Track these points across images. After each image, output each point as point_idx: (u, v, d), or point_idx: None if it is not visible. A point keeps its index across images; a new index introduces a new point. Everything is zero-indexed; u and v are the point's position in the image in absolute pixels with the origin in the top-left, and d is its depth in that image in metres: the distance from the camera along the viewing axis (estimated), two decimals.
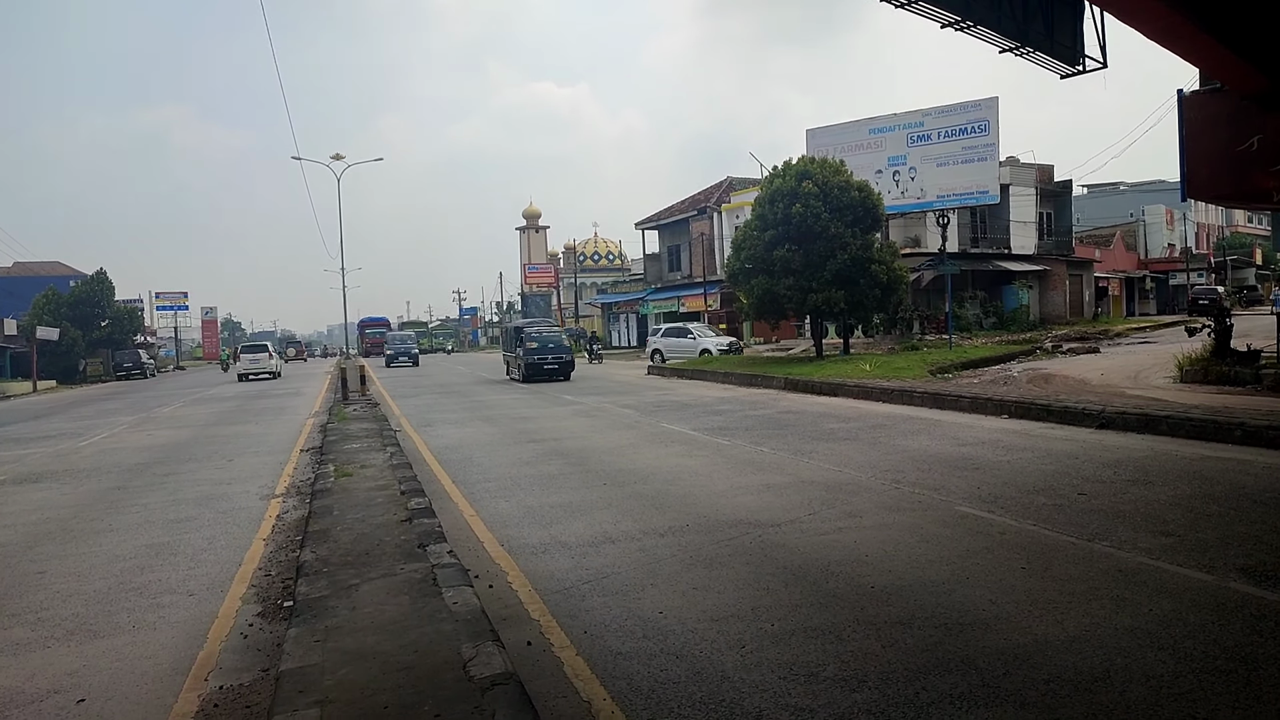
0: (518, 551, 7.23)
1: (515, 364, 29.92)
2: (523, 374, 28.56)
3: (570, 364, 29.16)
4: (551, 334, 30.24)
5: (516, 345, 29.82)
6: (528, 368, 28.30)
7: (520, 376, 28.92)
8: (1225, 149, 16.28)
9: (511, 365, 31.04)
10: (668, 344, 37.04)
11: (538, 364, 28.35)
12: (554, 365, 28.60)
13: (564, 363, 28.90)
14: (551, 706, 4.29)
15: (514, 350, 30.29)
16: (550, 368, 28.49)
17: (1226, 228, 78.46)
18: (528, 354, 28.32)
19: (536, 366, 28.35)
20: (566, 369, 28.98)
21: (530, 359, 28.30)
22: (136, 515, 9.56)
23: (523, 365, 28.49)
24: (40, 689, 4.86)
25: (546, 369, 28.39)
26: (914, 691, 4.29)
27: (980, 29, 13.62)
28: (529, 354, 28.30)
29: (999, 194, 39.35)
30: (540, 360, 28.39)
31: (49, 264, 74.37)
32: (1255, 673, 4.37)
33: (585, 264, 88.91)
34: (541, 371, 28.33)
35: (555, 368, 28.64)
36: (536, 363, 28.36)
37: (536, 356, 28.37)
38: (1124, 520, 7.39)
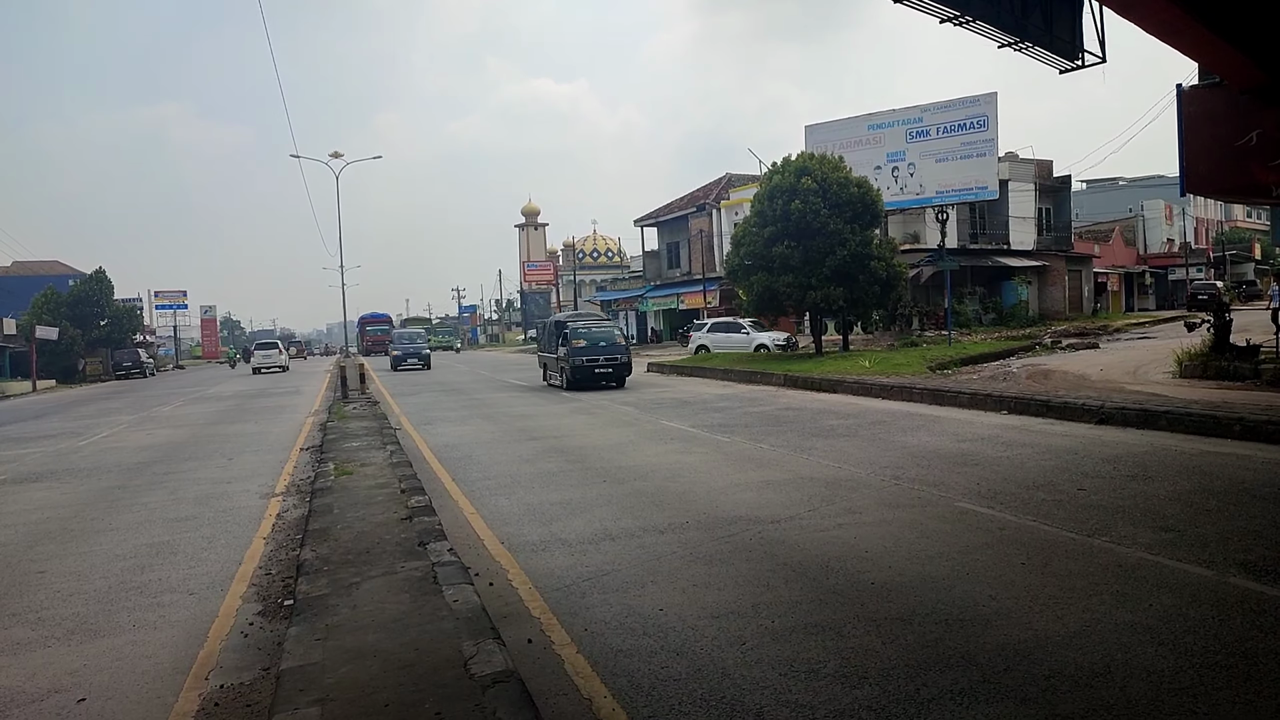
0: (518, 549, 7.23)
1: (557, 367, 24.76)
2: (567, 379, 23.58)
3: (626, 366, 23.96)
4: (602, 330, 24.82)
5: (558, 344, 24.51)
6: (574, 371, 23.18)
7: (564, 382, 23.88)
8: (1224, 144, 16.27)
9: (551, 369, 25.87)
10: (716, 339, 34.96)
11: (586, 367, 23.20)
12: (606, 368, 23.44)
13: (619, 365, 23.71)
14: (552, 704, 4.29)
15: (554, 350, 25.02)
16: (602, 371, 23.41)
17: (1225, 223, 78.47)
18: (573, 354, 23.19)
19: (585, 370, 23.21)
20: (621, 372, 23.90)
21: (577, 361, 23.15)
22: (137, 514, 9.56)
23: (567, 369, 23.41)
24: (41, 688, 4.86)
25: (598, 373, 23.34)
26: (915, 688, 4.29)
27: (979, 24, 13.61)
28: (575, 354, 23.18)
29: (998, 189, 39.36)
30: (589, 362, 23.25)
31: (47, 263, 74.33)
32: (1255, 667, 4.37)
33: (584, 261, 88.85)
34: (591, 376, 23.27)
35: (608, 371, 23.53)
36: (585, 366, 23.19)
37: (585, 358, 23.21)
38: (1123, 515, 7.39)
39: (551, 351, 25.65)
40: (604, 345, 23.82)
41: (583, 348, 23.45)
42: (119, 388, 42.63)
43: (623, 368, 23.86)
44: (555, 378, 25.19)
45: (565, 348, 23.71)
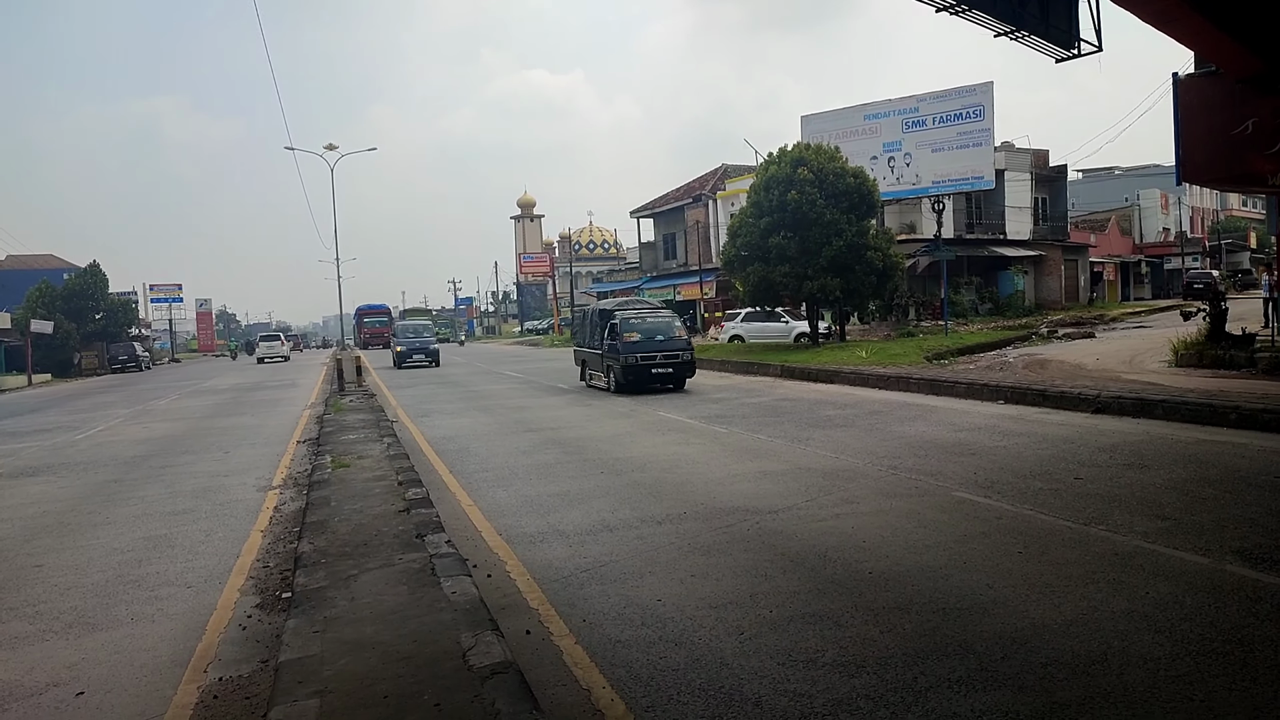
0: (516, 541, 7.24)
1: (601, 365, 20.67)
2: (616, 380, 19.45)
3: (688, 365, 19.66)
4: (659, 320, 20.37)
5: (604, 337, 20.31)
6: (626, 371, 18.95)
7: (611, 384, 19.86)
8: (1220, 132, 16.26)
9: (593, 366, 21.70)
10: (751, 328, 33.08)
11: (642, 367, 18.98)
12: (665, 367, 19.18)
13: (680, 363, 19.39)
14: (551, 695, 4.30)
15: (598, 345, 20.83)
16: (661, 371, 19.17)
17: (1221, 212, 78.48)
18: (626, 350, 19.00)
19: (640, 371, 18.99)
20: (683, 372, 19.61)
21: (629, 359, 18.92)
22: (134, 508, 9.55)
23: (618, 368, 19.19)
24: (39, 682, 4.85)
25: (655, 373, 19.11)
26: (912, 676, 4.31)
27: (975, 12, 13.56)
28: (628, 350, 18.99)
29: (994, 179, 39.30)
30: (645, 361, 18.98)
31: (42, 256, 74.04)
32: (1251, 655, 4.39)
33: (580, 253, 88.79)
34: (647, 377, 19.10)
35: (667, 371, 19.28)
36: (640, 365, 18.97)
37: (639, 356, 18.97)
38: (1120, 504, 7.41)
39: (593, 346, 21.45)
40: (661, 339, 19.52)
41: (636, 343, 19.21)
42: (115, 381, 42.55)
43: (684, 367, 19.54)
44: (599, 378, 21.00)
45: (613, 342, 19.55)
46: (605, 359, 20.15)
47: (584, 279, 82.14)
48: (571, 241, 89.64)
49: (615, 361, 19.35)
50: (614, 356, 19.44)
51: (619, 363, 19.15)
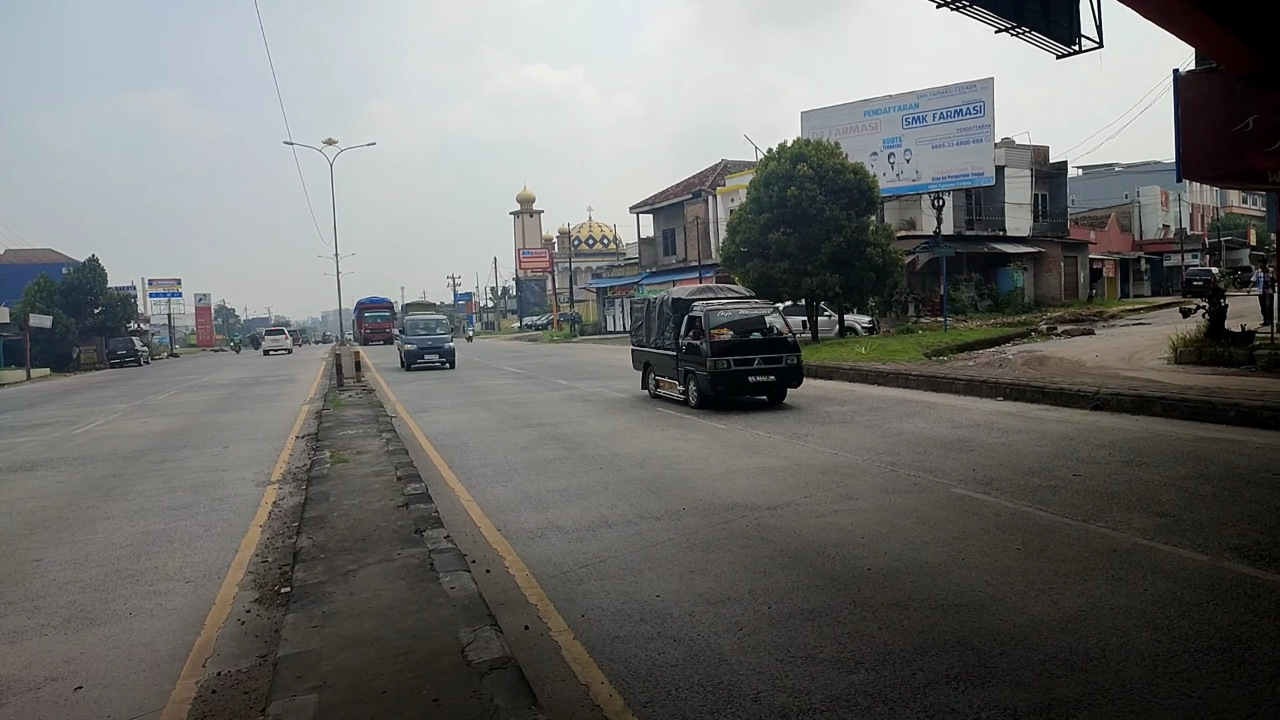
0: (514, 536, 7.23)
1: (677, 370, 16.06)
2: (700, 390, 15.11)
3: (794, 370, 15.14)
4: (752, 313, 16.10)
5: (680, 334, 15.86)
6: (716, 380, 14.60)
7: (692, 395, 15.45)
8: (1221, 129, 16.24)
9: (662, 371, 17.06)
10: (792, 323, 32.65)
11: (736, 374, 14.63)
12: (765, 374, 14.81)
13: (785, 370, 14.99)
14: (549, 690, 4.30)
15: (670, 344, 16.38)
16: (761, 380, 14.84)
17: (1221, 209, 78.45)
18: (716, 353, 14.58)
19: (734, 379, 14.68)
20: (788, 379, 15.12)
21: (720, 364, 14.54)
22: (132, 503, 9.55)
23: (703, 375, 14.78)
24: (38, 676, 4.85)
25: (754, 382, 14.82)
26: (910, 672, 4.31)
27: (976, 8, 13.54)
28: (718, 352, 14.59)
29: (994, 176, 39.30)
30: (741, 366, 14.65)
31: (40, 251, 73.90)
32: (1250, 652, 4.39)
33: (580, 248, 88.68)
34: (743, 386, 14.86)
35: (768, 379, 14.90)
36: (733, 372, 14.62)
37: (733, 360, 14.62)
38: (1119, 501, 7.41)
39: (662, 346, 16.88)
40: (759, 338, 15.33)
41: (728, 343, 14.85)
42: (113, 376, 42.53)
43: (789, 374, 15.07)
44: (672, 387, 16.43)
45: (694, 342, 15.25)
46: (682, 363, 15.74)
47: (583, 274, 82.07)
48: (571, 237, 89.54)
49: (698, 366, 15.03)
50: (695, 360, 15.16)
51: (704, 369, 14.75)
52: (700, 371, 15.00)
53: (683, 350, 15.74)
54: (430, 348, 30.60)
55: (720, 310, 15.55)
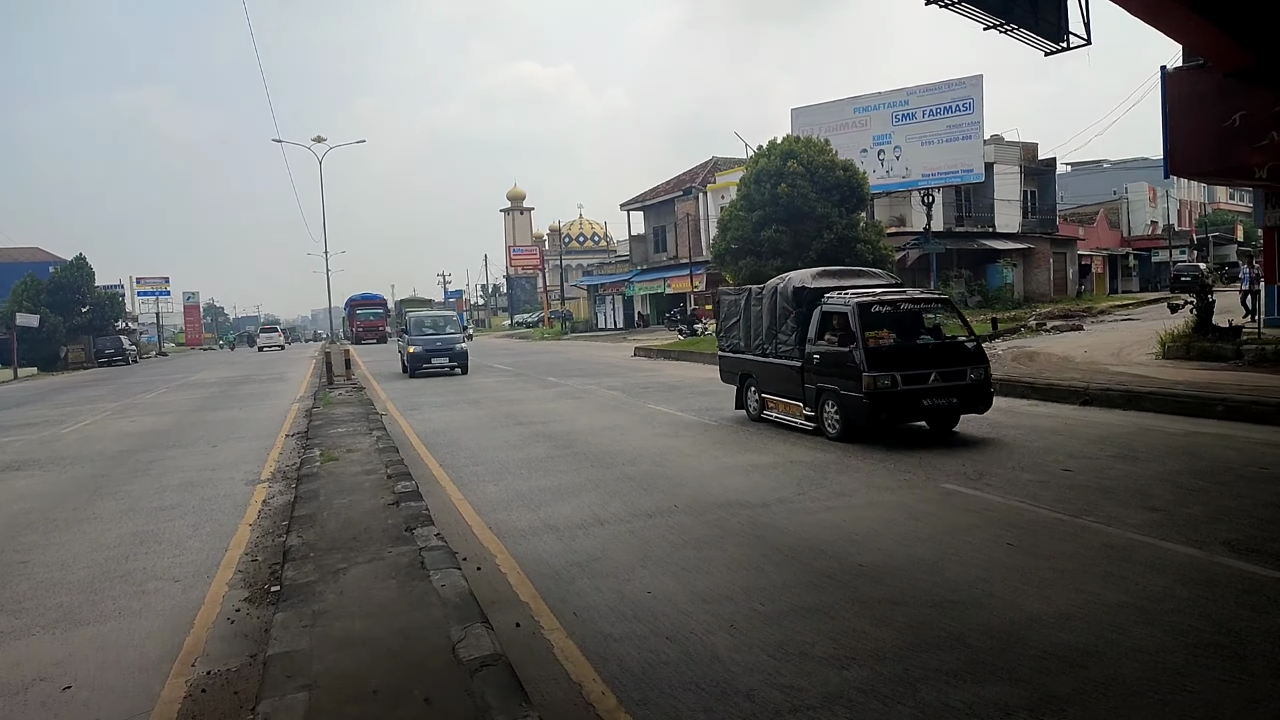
0: (506, 534, 7.20)
1: (800, 387, 11.76)
2: (847, 417, 10.91)
3: (980, 391, 10.97)
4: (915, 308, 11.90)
5: (799, 335, 11.77)
6: (878, 404, 10.48)
7: (831, 422, 11.17)
8: (1208, 125, 16.31)
9: (774, 388, 12.64)
10: None
11: (904, 398, 10.60)
12: (943, 398, 10.74)
13: (968, 389, 10.82)
14: (541, 689, 4.27)
15: (791, 350, 11.99)
16: (938, 404, 10.77)
17: (1209, 205, 78.85)
18: (875, 365, 10.47)
19: (902, 402, 10.64)
20: (973, 400, 10.94)
21: (883, 382, 10.43)
22: (120, 503, 9.47)
23: (859, 399, 10.53)
24: (25, 678, 4.80)
25: (931, 407, 10.78)
26: (904, 669, 4.30)
27: (965, 5, 13.57)
28: (878, 364, 10.49)
29: (983, 172, 39.38)
30: (913, 385, 10.57)
31: (27, 250, 73.39)
32: (1244, 646, 4.39)
33: (570, 246, 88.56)
34: (914, 411, 10.92)
35: (947, 402, 10.80)
36: (902, 394, 10.54)
37: (901, 376, 10.53)
38: (1110, 496, 7.43)
39: (779, 355, 12.23)
40: (930, 345, 11.34)
41: (890, 350, 10.68)
42: (101, 375, 42.27)
43: (975, 393, 10.86)
44: (794, 409, 11.88)
45: (839, 348, 10.89)
46: (813, 377, 11.29)
47: (574, 272, 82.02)
48: (562, 234, 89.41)
49: (844, 384, 10.67)
50: (836, 374, 10.81)
51: (857, 388, 10.41)
52: (850, 392, 10.42)
53: (813, 360, 11.20)
54: (439, 349, 25.61)
55: (876, 303, 10.91)
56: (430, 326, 26.99)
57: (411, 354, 25.53)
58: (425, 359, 25.35)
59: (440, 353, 25.49)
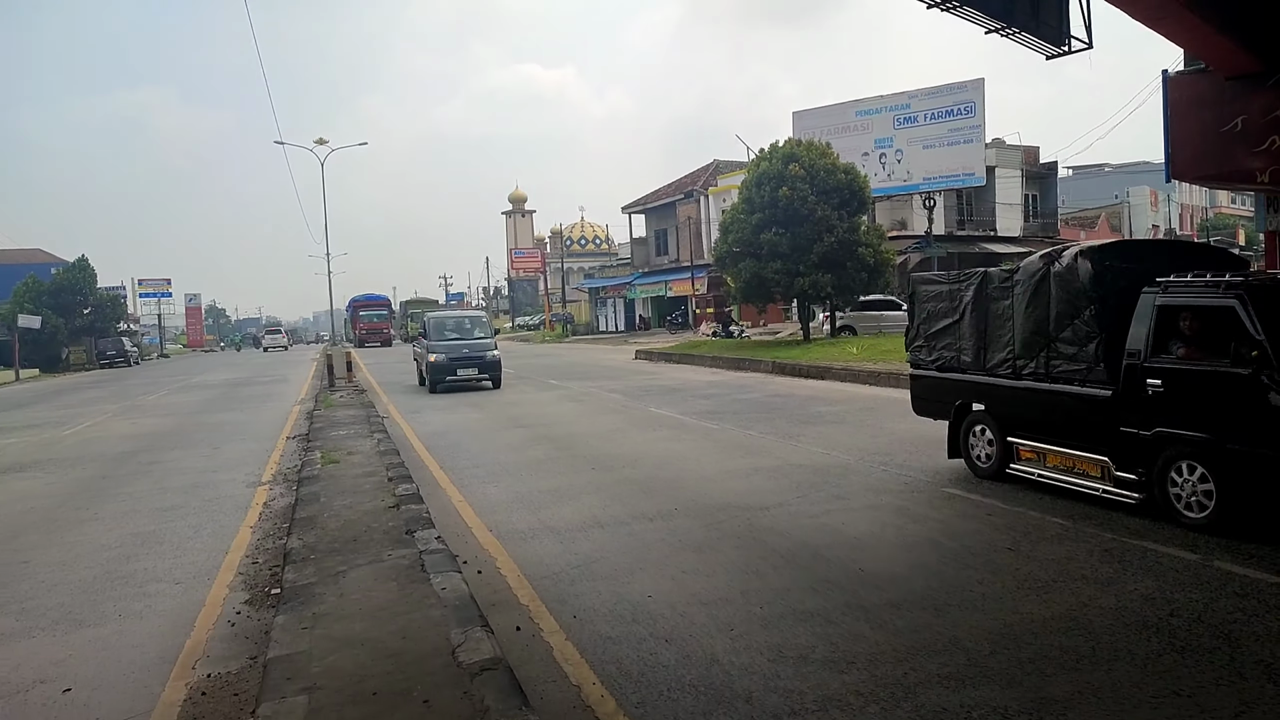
0: (506, 537, 7.22)
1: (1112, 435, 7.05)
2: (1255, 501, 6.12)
3: None
4: None
5: (1102, 344, 7.17)
6: None
7: (1194, 495, 6.43)
8: (1210, 130, 16.31)
9: (1038, 432, 8.00)
10: (863, 317, 30.36)
11: None
12: None
13: None
14: (541, 691, 4.28)
15: (1077, 370, 7.46)
16: None
17: (1210, 209, 78.85)
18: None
19: None
20: None
21: None
22: (122, 504, 9.50)
23: None
24: (26, 679, 4.82)
25: None
26: (902, 672, 4.31)
27: (966, 9, 13.58)
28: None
29: (985, 176, 39.39)
30: None
31: (29, 251, 73.43)
32: (1239, 650, 4.40)
33: (572, 248, 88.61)
34: None
35: None
36: None
37: None
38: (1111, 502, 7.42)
39: (1069, 376, 7.64)
40: None
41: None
42: (103, 377, 42.33)
43: None
44: (1087, 467, 7.47)
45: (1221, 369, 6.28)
46: (1151, 415, 6.83)
47: (575, 274, 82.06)
48: (563, 237, 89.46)
49: (1226, 432, 6.30)
50: (1212, 412, 6.44)
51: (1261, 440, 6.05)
52: (1252, 447, 6.10)
53: (1147, 387, 6.83)
54: (467, 358, 20.91)
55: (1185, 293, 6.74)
56: (454, 330, 22.27)
57: (433, 364, 20.50)
58: (449, 369, 20.50)
59: (468, 362, 20.79)
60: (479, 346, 21.13)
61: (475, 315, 25.24)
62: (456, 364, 20.63)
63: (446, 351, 20.79)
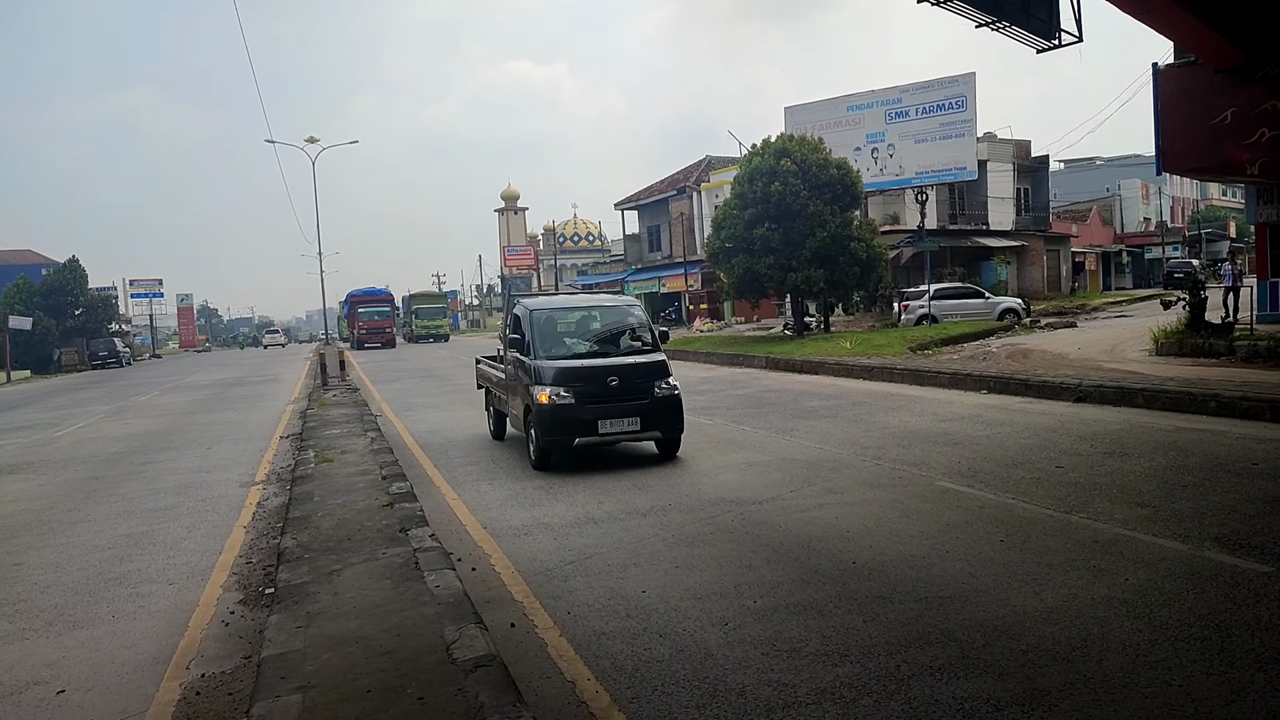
0: (500, 534, 7.22)
1: None
2: None
3: None
4: None
5: None
6: None
7: None
8: (1200, 122, 16.39)
9: None
10: (944, 306, 29.34)
11: None
12: None
13: None
14: (535, 687, 4.29)
15: None
16: None
17: (1201, 201, 79.11)
18: None
19: None
20: None
21: None
22: (114, 505, 9.48)
23: None
24: (19, 680, 4.81)
25: None
26: (895, 665, 4.33)
27: (956, 3, 13.62)
28: None
29: (977, 170, 39.45)
30: None
31: (19, 252, 73.13)
32: (1229, 639, 4.43)
33: (565, 245, 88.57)
34: None
35: None
36: None
37: None
38: (1101, 492, 7.47)
39: None
40: None
41: None
42: (95, 378, 42.18)
43: None
44: None
45: None
46: None
47: (569, 271, 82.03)
48: (556, 234, 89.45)
49: None
50: None
51: None
52: None
53: None
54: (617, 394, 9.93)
55: None
56: (582, 331, 11.17)
57: (549, 410, 9.80)
58: (585, 420, 9.82)
59: (620, 400, 9.99)
60: (636, 368, 10.27)
61: (619, 303, 12.48)
62: (598, 405, 9.86)
63: (575, 380, 9.93)
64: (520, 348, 10.50)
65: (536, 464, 9.96)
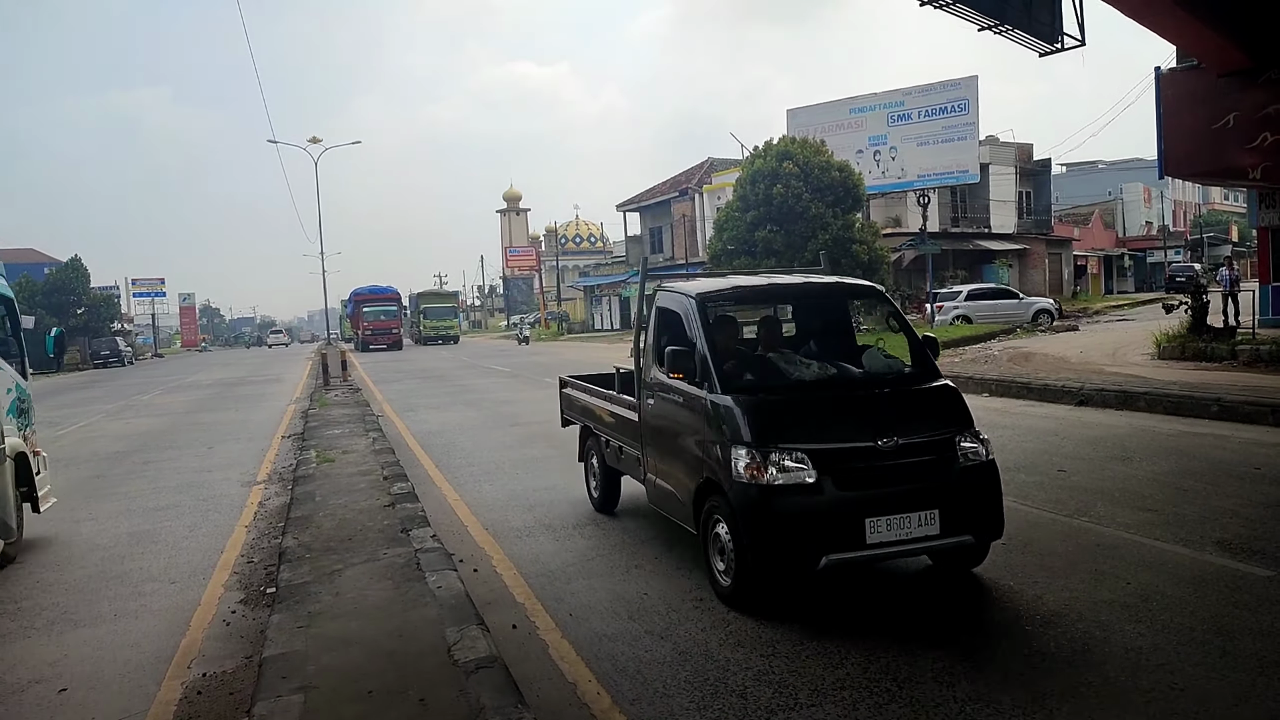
0: (502, 535, 7.22)
1: None
2: None
3: None
4: None
5: None
6: None
7: None
8: (1202, 126, 16.39)
9: None
10: (978, 308, 29.34)
11: None
12: None
13: None
14: (536, 689, 4.29)
15: None
16: None
17: (1203, 205, 79.05)
18: None
19: None
20: None
21: None
22: (117, 504, 9.48)
23: None
24: (21, 679, 4.81)
25: None
26: (896, 667, 4.32)
27: (959, 6, 13.62)
28: None
29: (979, 173, 39.48)
30: None
31: (22, 251, 73.10)
32: (1232, 643, 4.42)
33: (567, 247, 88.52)
34: None
35: None
36: None
37: None
38: (1103, 496, 7.46)
39: None
40: None
41: None
42: (97, 377, 42.21)
43: None
44: None
45: None
46: None
47: (570, 273, 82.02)
48: (558, 235, 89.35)
49: None
50: None
51: None
52: None
53: None
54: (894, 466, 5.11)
55: None
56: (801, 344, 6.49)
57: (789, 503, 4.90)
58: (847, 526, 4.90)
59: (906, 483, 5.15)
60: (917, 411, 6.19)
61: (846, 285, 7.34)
62: (863, 490, 5.03)
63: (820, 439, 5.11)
64: (687, 369, 5.71)
65: (730, 594, 5.24)
